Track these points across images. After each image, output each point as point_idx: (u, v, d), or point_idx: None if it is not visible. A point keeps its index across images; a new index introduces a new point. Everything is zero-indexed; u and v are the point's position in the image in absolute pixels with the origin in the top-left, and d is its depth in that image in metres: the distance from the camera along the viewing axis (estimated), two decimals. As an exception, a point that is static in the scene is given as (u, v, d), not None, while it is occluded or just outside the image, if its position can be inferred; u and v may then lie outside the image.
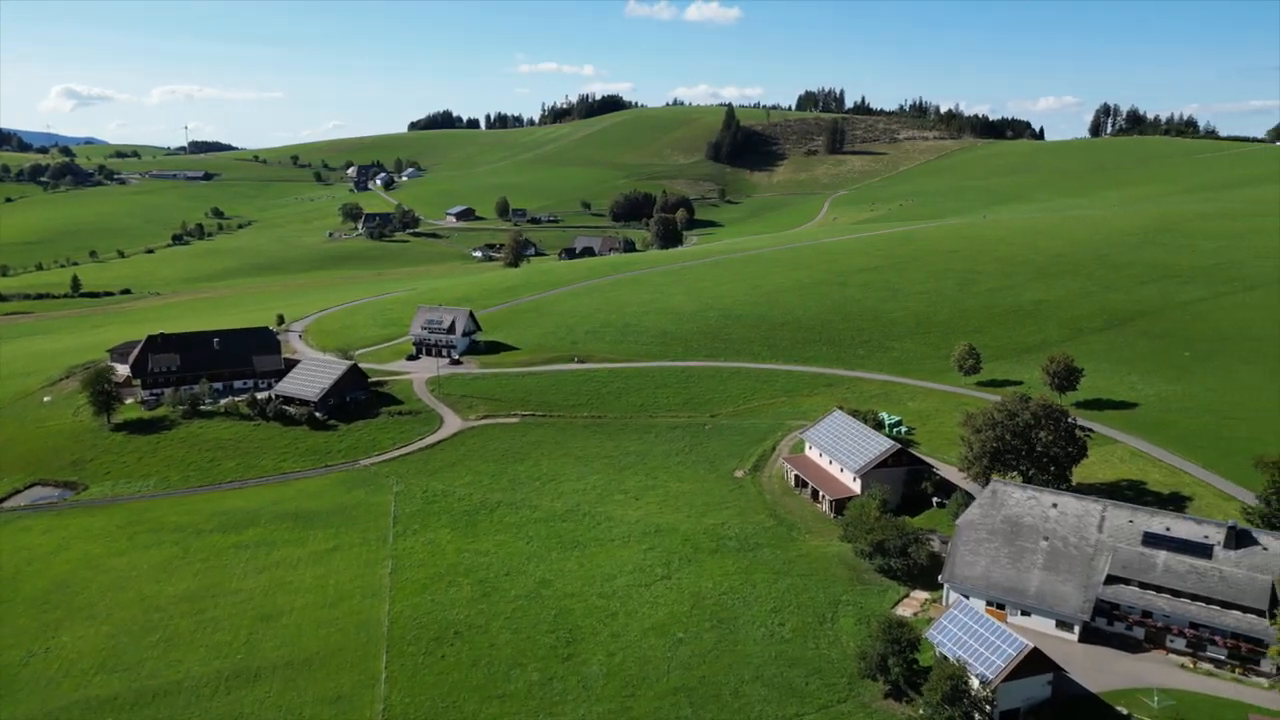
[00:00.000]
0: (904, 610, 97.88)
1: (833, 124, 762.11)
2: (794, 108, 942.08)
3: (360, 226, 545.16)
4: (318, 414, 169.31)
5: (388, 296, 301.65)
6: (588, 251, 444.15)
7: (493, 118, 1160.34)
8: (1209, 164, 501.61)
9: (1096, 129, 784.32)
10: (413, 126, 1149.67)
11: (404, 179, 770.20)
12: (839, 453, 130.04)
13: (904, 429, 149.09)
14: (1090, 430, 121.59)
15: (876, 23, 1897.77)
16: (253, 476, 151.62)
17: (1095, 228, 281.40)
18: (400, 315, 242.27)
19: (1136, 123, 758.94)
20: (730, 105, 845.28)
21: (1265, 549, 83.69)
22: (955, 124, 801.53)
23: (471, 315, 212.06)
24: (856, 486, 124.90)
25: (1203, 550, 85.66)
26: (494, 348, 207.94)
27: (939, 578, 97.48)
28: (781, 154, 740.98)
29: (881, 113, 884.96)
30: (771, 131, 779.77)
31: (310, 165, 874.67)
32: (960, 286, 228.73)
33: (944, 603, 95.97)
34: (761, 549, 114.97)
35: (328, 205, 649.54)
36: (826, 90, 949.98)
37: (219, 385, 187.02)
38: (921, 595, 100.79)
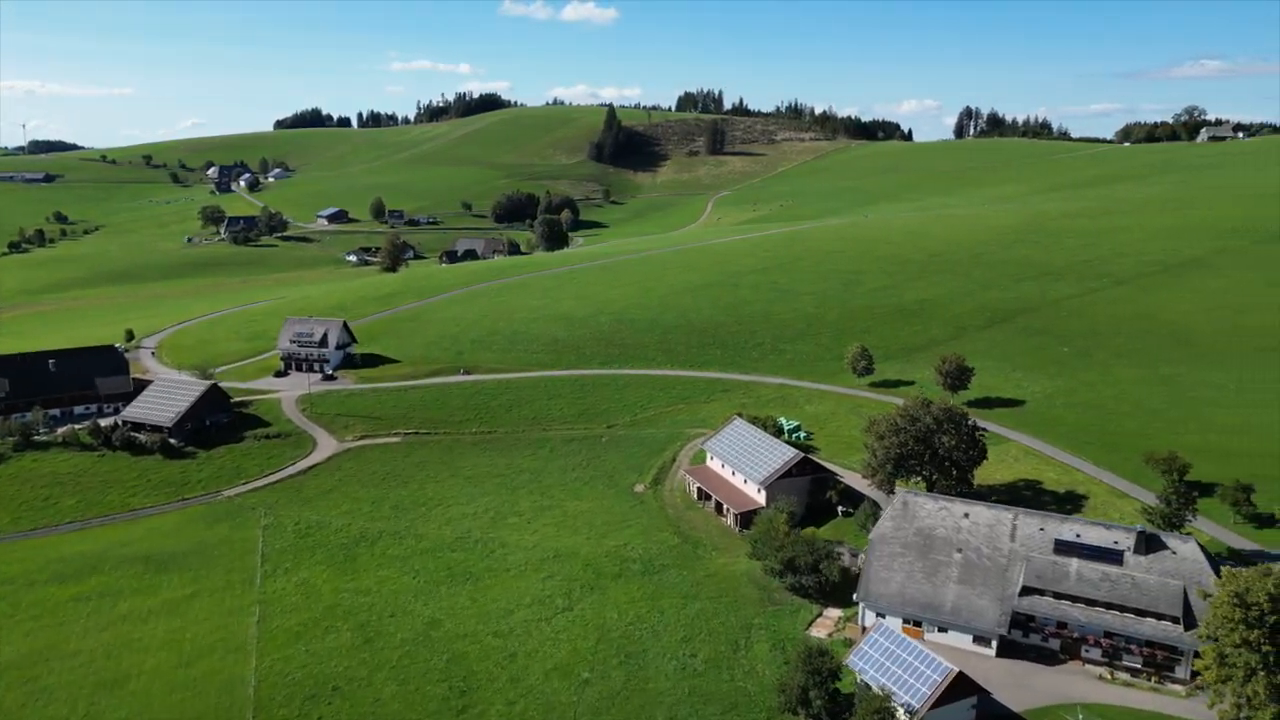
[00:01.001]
0: (818, 631, 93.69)
1: (713, 125, 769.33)
2: (674, 108, 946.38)
3: (223, 231, 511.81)
4: (173, 441, 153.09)
5: (253, 306, 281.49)
6: (470, 254, 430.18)
7: (365, 116, 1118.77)
8: (1065, 164, 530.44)
9: (960, 131, 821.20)
10: (279, 125, 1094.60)
11: (270, 180, 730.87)
12: (741, 463, 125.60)
13: (803, 434, 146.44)
14: (984, 430, 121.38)
15: (750, 25, 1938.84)
16: (96, 515, 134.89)
17: (970, 227, 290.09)
18: (267, 327, 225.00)
19: (996, 125, 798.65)
20: (611, 105, 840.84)
21: (1174, 553, 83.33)
22: (830, 125, 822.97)
23: (346, 326, 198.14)
24: (761, 498, 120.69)
25: (1114, 557, 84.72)
26: (371, 361, 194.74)
27: (854, 596, 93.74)
28: (664, 154, 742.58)
29: (759, 114, 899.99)
30: (653, 132, 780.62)
31: (166, 166, 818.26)
32: (846, 287, 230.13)
33: (859, 622, 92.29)
34: (668, 570, 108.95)
35: (186, 208, 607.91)
36: (705, 91, 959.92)
37: (56, 412, 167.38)
38: (835, 613, 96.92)
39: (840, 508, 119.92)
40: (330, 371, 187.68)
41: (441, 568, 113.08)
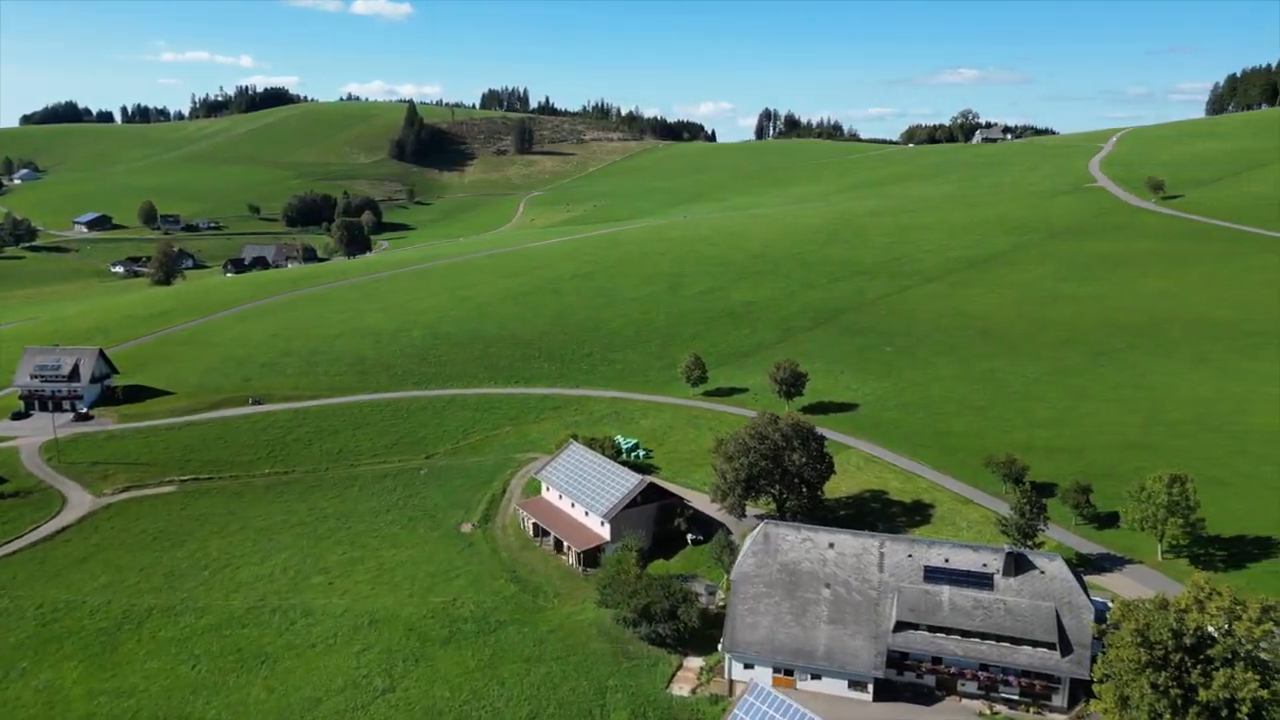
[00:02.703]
0: (681, 687, 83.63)
1: (520, 124, 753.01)
2: (478, 106, 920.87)
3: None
4: None
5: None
6: (260, 262, 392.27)
7: (131, 111, 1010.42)
8: (859, 164, 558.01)
9: (761, 132, 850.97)
10: (26, 120, 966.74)
11: (16, 181, 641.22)
12: (582, 494, 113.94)
13: (642, 452, 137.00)
14: (824, 438, 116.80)
15: (551, 23, 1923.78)
16: None
17: (785, 227, 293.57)
18: (8, 357, 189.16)
19: (794, 126, 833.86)
20: (411, 102, 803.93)
21: (1043, 573, 79.77)
22: (637, 126, 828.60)
23: (103, 355, 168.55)
24: (605, 532, 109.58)
25: (984, 581, 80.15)
26: (137, 394, 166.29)
27: (719, 646, 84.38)
28: (471, 153, 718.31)
29: (567, 113, 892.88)
30: (458, 130, 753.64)
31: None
32: (672, 290, 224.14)
33: (725, 674, 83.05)
34: (505, 628, 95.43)
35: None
36: (510, 89, 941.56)
37: None
38: (696, 663, 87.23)
39: (690, 535, 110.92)
40: (84, 410, 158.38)
41: (229, 650, 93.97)
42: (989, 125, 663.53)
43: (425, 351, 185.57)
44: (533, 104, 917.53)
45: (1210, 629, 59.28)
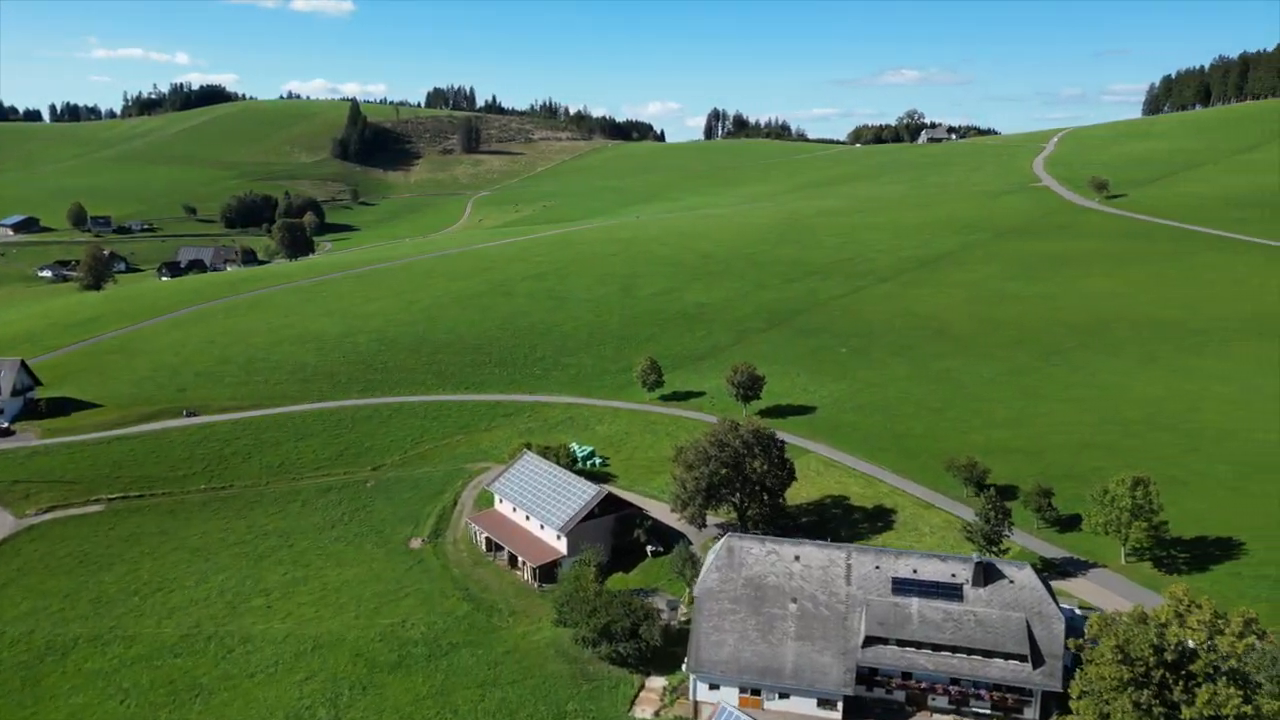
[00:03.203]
0: (644, 711, 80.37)
1: (466, 122, 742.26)
2: (423, 105, 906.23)
3: None
4: None
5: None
6: (197, 265, 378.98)
7: (60, 109, 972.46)
8: (808, 164, 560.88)
9: (710, 132, 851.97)
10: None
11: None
12: (537, 506, 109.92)
13: (598, 460, 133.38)
14: (785, 444, 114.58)
15: (498, 21, 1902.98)
16: None
17: (737, 227, 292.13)
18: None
19: (742, 126, 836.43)
20: (354, 100, 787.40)
21: (1012, 582, 78.12)
22: (585, 125, 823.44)
23: (25, 366, 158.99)
24: (562, 546, 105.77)
25: (953, 592, 78.23)
26: (63, 407, 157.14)
27: (683, 666, 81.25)
28: (416, 152, 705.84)
29: (514, 112, 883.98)
30: (403, 129, 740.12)
31: None
32: (625, 292, 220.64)
33: (690, 695, 79.90)
34: (458, 650, 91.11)
35: None
36: (456, 88, 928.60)
37: None
38: (658, 683, 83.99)
39: (650, 547, 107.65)
40: (4, 425, 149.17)
41: (161, 682, 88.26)
42: (934, 125, 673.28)
43: (371, 358, 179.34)
44: (479, 103, 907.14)
45: (1191, 642, 57.85)
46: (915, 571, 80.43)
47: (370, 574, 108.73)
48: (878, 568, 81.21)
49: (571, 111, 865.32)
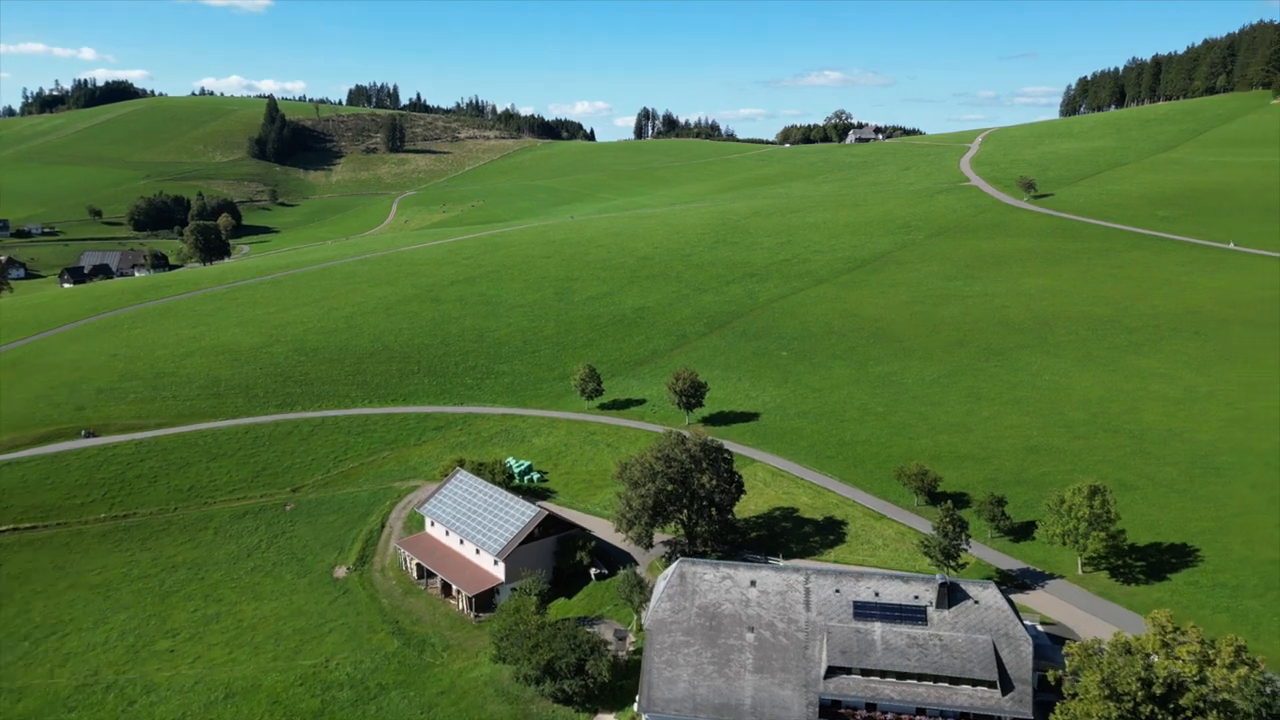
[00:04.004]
0: (593, 753, 74.39)
1: (390, 120, 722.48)
2: (345, 103, 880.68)
3: None
4: None
5: None
6: (102, 271, 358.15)
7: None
8: (739, 164, 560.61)
9: (640, 131, 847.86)
10: None
11: None
12: (472, 530, 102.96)
13: (536, 475, 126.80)
14: (732, 456, 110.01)
15: (420, 18, 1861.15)
16: None
17: (672, 228, 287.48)
18: None
19: (673, 126, 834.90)
20: (272, 97, 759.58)
21: (977, 603, 74.56)
22: (514, 124, 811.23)
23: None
24: (500, 571, 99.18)
25: (917, 615, 74.28)
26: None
27: (635, 703, 75.53)
28: (338, 151, 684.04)
29: (440, 111, 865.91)
30: (324, 127, 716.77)
31: None
32: (560, 296, 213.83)
33: (643, 737, 74.12)
34: (387, 693, 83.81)
35: None
36: (379, 85, 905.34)
37: None
38: (608, 721, 78.18)
39: (594, 570, 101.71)
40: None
41: (51, 745, 78.67)
42: (861, 126, 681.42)
43: (290, 369, 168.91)
44: (404, 101, 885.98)
45: (1178, 670, 54.66)
46: (877, 594, 76.29)
47: (290, 608, 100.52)
48: (838, 591, 76.81)
49: (499, 110, 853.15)
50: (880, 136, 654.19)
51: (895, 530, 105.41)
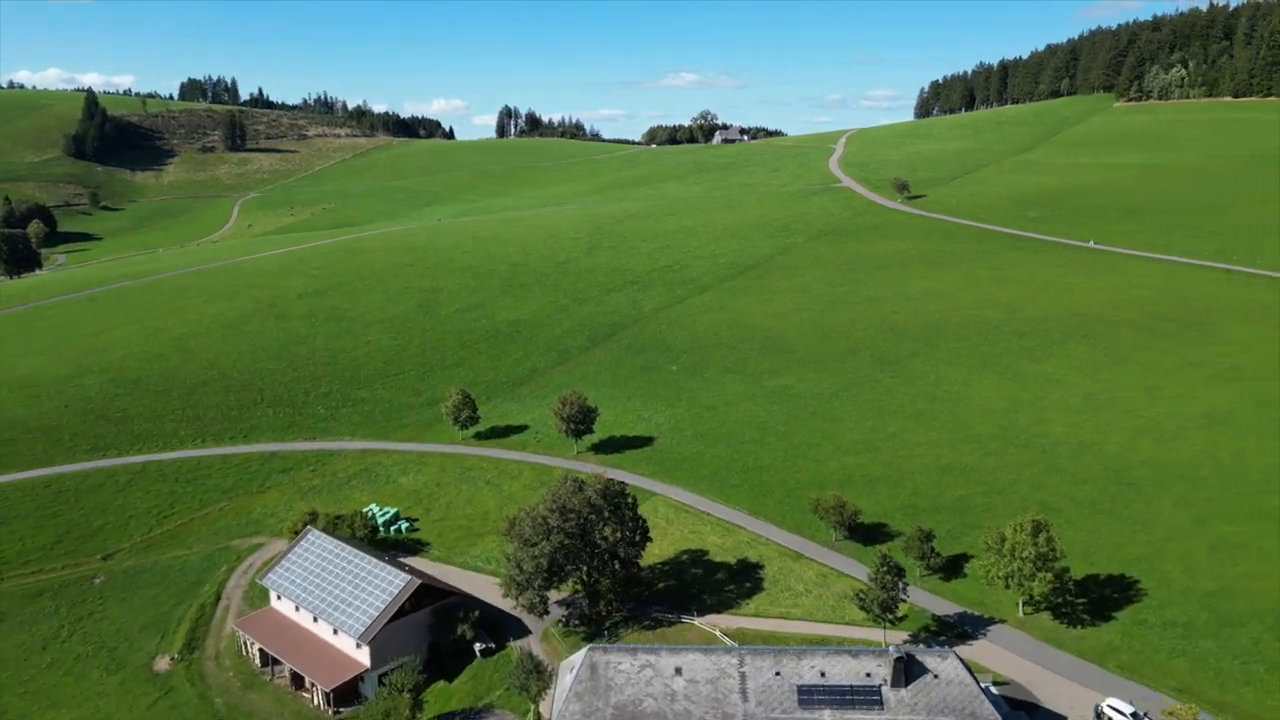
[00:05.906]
0: None
1: (229, 117, 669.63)
2: (177, 97, 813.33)
3: None
4: None
5: None
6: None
7: None
8: (607, 164, 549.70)
9: (502, 130, 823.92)
10: None
11: None
12: (327, 606, 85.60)
13: (405, 525, 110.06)
14: (636, 499, 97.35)
15: (260, 8, 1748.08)
16: None
17: (544, 232, 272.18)
18: None
19: (536, 125, 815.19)
20: (91, 91, 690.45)
21: (937, 676, 64.48)
22: (367, 121, 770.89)
23: None
24: (364, 657, 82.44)
25: (871, 696, 63.56)
26: None
27: (541, 839, 61.00)
28: (170, 150, 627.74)
29: (285, 107, 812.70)
30: (153, 124, 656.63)
31: None
32: (425, 309, 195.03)
33: None
34: (222, 837, 65.87)
35: None
36: (216, 79, 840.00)
37: None
38: None
39: (479, 645, 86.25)
40: None
41: None
42: (727, 127, 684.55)
43: (105, 405, 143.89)
44: (244, 96, 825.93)
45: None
46: (823, 674, 65.00)
47: (96, 717, 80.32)
48: (778, 674, 65.00)
49: (350, 107, 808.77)
50: (746, 138, 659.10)
51: (815, 572, 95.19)
